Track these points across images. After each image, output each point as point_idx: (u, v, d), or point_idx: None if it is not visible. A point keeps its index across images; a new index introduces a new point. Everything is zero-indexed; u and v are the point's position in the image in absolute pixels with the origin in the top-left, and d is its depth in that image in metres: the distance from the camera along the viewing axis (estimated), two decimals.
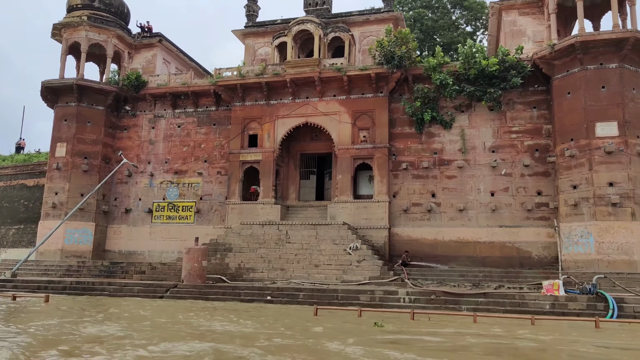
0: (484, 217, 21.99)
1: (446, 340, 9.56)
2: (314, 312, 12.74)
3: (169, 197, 26.18)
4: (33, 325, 10.03)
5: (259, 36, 27.69)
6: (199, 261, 18.35)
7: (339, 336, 9.37)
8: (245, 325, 10.75)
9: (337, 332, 10.13)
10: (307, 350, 8.06)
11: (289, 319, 11.88)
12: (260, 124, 25.00)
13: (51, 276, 22.37)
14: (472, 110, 22.90)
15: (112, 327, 10.08)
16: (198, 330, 10.00)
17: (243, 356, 7.37)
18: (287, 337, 9.46)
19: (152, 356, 7.13)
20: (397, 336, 9.99)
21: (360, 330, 10.25)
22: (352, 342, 8.63)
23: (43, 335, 8.96)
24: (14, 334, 9.04)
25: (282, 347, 8.27)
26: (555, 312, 14.18)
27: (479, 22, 40.43)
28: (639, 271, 18.16)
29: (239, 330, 10.16)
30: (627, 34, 19.44)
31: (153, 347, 7.79)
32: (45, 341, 8.44)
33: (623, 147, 19.25)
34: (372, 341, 8.96)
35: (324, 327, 10.70)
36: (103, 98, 26.66)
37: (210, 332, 9.89)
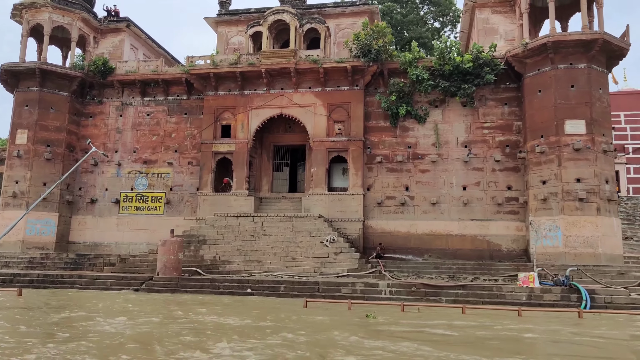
0: (456, 210, 22.46)
1: (453, 332, 9.72)
2: (304, 305, 12.73)
3: (138, 187, 25.48)
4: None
5: (232, 25, 27.20)
6: (175, 253, 17.97)
7: (344, 328, 9.40)
8: (247, 319, 10.55)
9: (343, 324, 10.12)
10: (330, 344, 8.06)
11: (283, 313, 11.77)
12: (234, 114, 24.62)
13: (13, 269, 21.44)
14: (445, 105, 23.27)
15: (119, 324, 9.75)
16: (211, 327, 9.75)
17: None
18: (298, 331, 9.41)
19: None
20: (401, 328, 10.07)
21: (363, 324, 10.29)
22: (362, 335, 8.68)
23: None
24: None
25: (305, 342, 8.20)
26: (532, 303, 14.68)
27: (447, 17, 41.06)
28: (603, 263, 18.99)
29: (250, 324, 9.94)
30: (596, 35, 20.17)
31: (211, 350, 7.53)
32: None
33: (590, 145, 20.03)
34: (382, 334, 9.02)
35: (323, 319, 10.72)
36: (67, 83, 25.59)
37: (223, 327, 9.69)
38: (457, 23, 41.32)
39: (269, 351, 7.47)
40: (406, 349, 7.76)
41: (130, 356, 6.97)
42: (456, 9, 40.85)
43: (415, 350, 7.65)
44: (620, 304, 14.35)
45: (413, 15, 39.58)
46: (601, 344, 8.87)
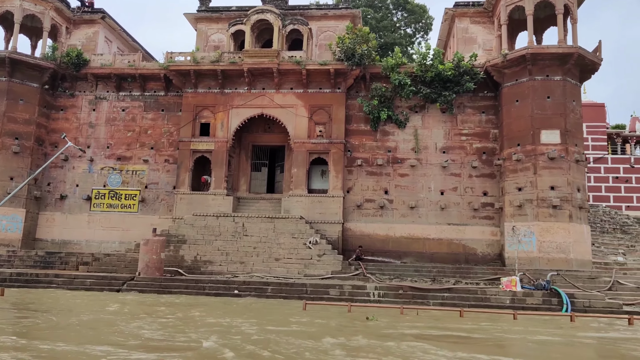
0: (434, 214, 22.91)
1: (479, 335, 9.94)
2: (303, 307, 12.71)
3: (111, 184, 24.77)
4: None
5: (212, 22, 26.83)
6: (157, 253, 17.57)
7: (367, 332, 9.47)
8: (269, 325, 10.28)
9: (362, 327, 10.15)
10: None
11: (283, 316, 11.67)
12: (214, 112, 24.31)
13: None
14: (425, 111, 23.72)
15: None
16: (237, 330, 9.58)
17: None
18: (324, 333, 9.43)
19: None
20: (419, 331, 10.19)
21: (376, 327, 10.33)
22: (384, 338, 8.78)
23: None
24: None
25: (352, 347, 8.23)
26: (515, 306, 15.16)
27: (419, 24, 41.78)
28: (574, 268, 19.81)
29: (267, 328, 9.81)
30: (572, 49, 21.04)
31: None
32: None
33: (564, 154, 20.86)
34: (406, 337, 9.11)
35: (334, 322, 10.72)
36: (38, 75, 24.63)
37: (234, 329, 9.55)
38: (429, 30, 42.17)
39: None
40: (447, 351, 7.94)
41: None
42: (428, 16, 41.64)
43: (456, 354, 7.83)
44: (598, 307, 15.02)
45: (387, 21, 40.09)
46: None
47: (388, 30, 39.75)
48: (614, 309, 14.98)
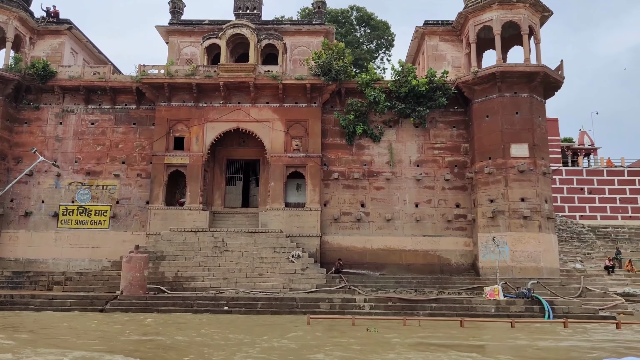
0: (409, 226, 23.45)
1: (501, 344, 10.29)
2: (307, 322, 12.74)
3: (80, 199, 23.95)
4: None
5: (184, 35, 26.60)
6: (140, 270, 17.13)
7: (392, 344, 9.65)
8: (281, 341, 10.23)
9: (384, 341, 10.27)
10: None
11: (294, 331, 11.60)
12: (188, 126, 24.03)
13: None
14: (399, 125, 24.33)
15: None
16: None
17: None
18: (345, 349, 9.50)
19: None
20: (441, 341, 10.41)
21: (399, 338, 10.48)
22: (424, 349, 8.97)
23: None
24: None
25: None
26: (500, 314, 15.76)
27: (381, 40, 42.81)
28: (545, 276, 20.74)
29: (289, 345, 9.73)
30: (538, 68, 22.20)
31: None
32: None
33: (533, 167, 21.90)
34: (441, 348, 9.33)
35: (352, 337, 10.78)
36: (1, 86, 23.63)
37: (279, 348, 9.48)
38: (391, 46, 43.30)
39: None
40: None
41: None
42: (390, 32, 42.77)
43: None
44: (577, 313, 15.81)
45: (351, 37, 40.89)
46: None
47: (352, 46, 40.46)
48: (592, 314, 15.82)
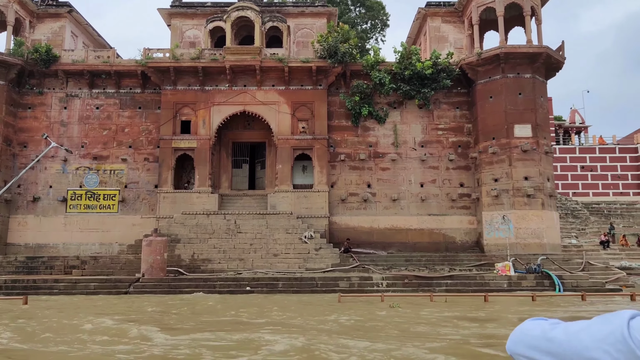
0: (415, 206, 23.99)
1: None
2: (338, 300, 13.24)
3: (88, 184, 24.03)
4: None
5: (187, 17, 26.45)
6: (160, 253, 17.42)
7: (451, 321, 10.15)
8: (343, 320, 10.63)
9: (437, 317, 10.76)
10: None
11: (339, 309, 11.99)
12: (194, 110, 24.11)
13: None
14: (403, 107, 24.68)
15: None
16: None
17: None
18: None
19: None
20: (485, 315, 10.86)
21: (450, 316, 10.96)
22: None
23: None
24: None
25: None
26: (513, 289, 16.43)
27: (376, 20, 42.83)
28: (548, 252, 21.47)
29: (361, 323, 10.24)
30: (541, 49, 22.64)
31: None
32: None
33: (536, 147, 22.48)
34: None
35: (395, 314, 11.27)
36: (4, 71, 23.43)
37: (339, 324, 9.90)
38: (386, 27, 43.35)
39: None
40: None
41: None
42: (385, 13, 42.79)
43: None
44: (585, 287, 16.53)
45: (346, 17, 40.82)
46: None
47: (348, 26, 40.42)
48: (599, 287, 16.58)
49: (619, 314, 0.73)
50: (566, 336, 0.76)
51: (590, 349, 0.71)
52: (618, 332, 0.70)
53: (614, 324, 0.72)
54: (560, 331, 0.78)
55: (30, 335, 8.93)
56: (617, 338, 0.69)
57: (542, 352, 0.78)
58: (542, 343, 0.79)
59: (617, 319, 0.72)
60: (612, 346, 0.70)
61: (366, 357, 6.85)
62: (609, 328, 0.72)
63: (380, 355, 6.91)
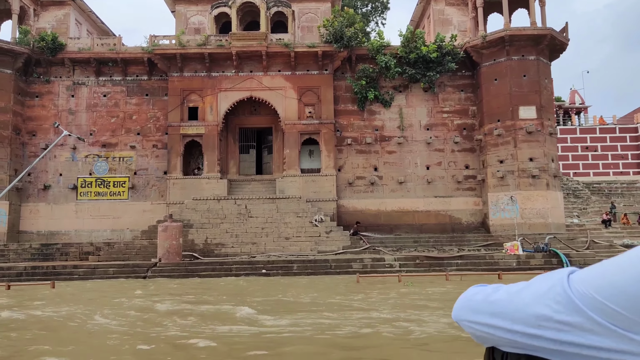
0: (421, 188, 24.35)
1: None
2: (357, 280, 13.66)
3: (97, 172, 24.27)
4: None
5: (191, 3, 26.47)
6: (176, 238, 17.77)
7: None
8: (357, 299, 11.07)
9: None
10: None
11: (360, 289, 12.42)
12: (201, 96, 24.28)
13: None
14: (409, 90, 24.90)
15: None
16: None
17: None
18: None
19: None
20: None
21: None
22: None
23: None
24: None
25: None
26: (522, 267, 16.88)
27: (377, 3, 42.77)
28: (552, 231, 21.90)
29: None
30: (545, 31, 22.82)
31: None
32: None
33: (540, 128, 22.79)
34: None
35: (409, 291, 11.66)
36: (11, 60, 23.49)
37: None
38: (386, 9, 43.29)
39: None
40: None
41: None
42: None
43: None
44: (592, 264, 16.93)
45: (347, 0, 40.73)
46: None
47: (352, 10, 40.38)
48: None
49: (558, 271, 0.75)
50: (508, 296, 0.77)
51: (531, 305, 0.72)
52: (558, 286, 0.71)
53: (554, 279, 0.73)
54: (503, 292, 0.79)
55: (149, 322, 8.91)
56: (557, 291, 0.70)
57: (486, 314, 0.79)
58: (485, 306, 0.80)
59: (556, 274, 0.73)
60: (552, 299, 0.70)
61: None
62: (549, 283, 0.73)
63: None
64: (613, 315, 0.66)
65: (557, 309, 0.70)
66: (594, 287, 0.68)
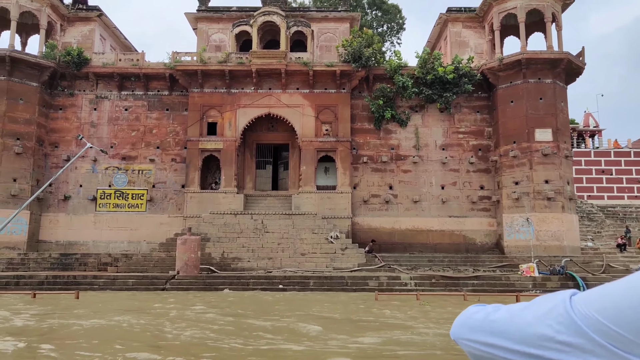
0: (436, 208, 24.47)
1: None
2: (375, 298, 13.79)
3: (117, 184, 24.69)
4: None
5: (213, 22, 27.07)
6: (195, 251, 18.03)
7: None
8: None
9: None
10: None
11: (383, 306, 12.55)
12: (221, 112, 24.72)
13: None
14: (425, 110, 25.17)
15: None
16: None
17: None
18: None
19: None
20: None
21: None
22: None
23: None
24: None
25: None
26: (538, 290, 16.88)
27: (392, 24, 43.33)
28: (568, 254, 21.88)
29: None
30: (562, 55, 23.07)
31: None
32: None
33: (556, 151, 22.91)
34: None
35: (431, 309, 11.76)
36: (37, 73, 24.12)
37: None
38: (402, 30, 43.84)
39: None
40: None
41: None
42: (401, 16, 43.30)
43: None
44: None
45: (363, 20, 41.32)
46: None
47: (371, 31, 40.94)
48: None
49: (560, 292, 0.74)
50: (509, 315, 0.76)
51: (532, 324, 0.72)
52: (560, 307, 0.70)
53: (556, 299, 0.72)
54: (504, 312, 0.78)
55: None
56: (559, 312, 0.70)
57: (486, 332, 0.78)
58: (485, 324, 0.79)
59: (559, 295, 0.73)
60: (554, 319, 0.70)
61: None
62: (551, 304, 0.72)
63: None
64: (614, 337, 0.66)
65: (558, 330, 0.70)
66: (596, 308, 0.68)
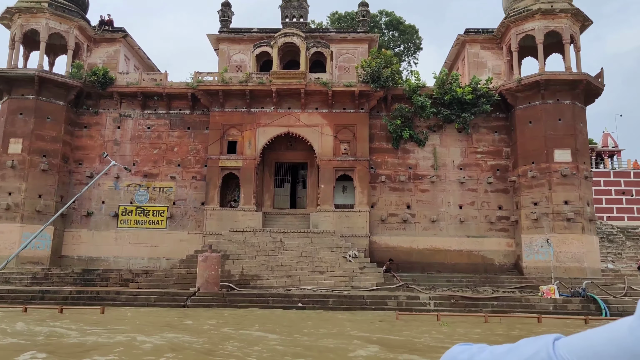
0: (454, 227, 24.46)
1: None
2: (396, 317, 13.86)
3: (138, 200, 25.12)
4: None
5: (234, 42, 27.68)
6: (215, 269, 18.27)
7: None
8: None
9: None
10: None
11: (403, 327, 12.63)
12: (241, 130, 25.13)
13: (16, 285, 20.52)
14: (443, 130, 25.33)
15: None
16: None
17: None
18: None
19: None
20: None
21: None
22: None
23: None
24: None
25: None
26: (559, 312, 16.78)
27: (409, 44, 43.76)
28: (588, 276, 21.69)
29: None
30: (581, 76, 23.14)
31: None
32: None
33: (575, 172, 22.85)
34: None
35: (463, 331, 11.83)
36: (64, 93, 24.82)
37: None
38: (419, 50, 44.24)
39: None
40: None
41: None
42: (418, 36, 43.73)
43: None
44: (630, 311, 16.77)
45: (380, 41, 41.82)
46: None
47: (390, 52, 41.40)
48: None
49: (544, 337, 0.75)
50: (493, 357, 0.77)
51: None
52: (543, 351, 0.71)
53: (539, 344, 0.73)
54: (488, 354, 0.79)
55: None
56: (541, 356, 0.70)
57: None
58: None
59: (542, 340, 0.73)
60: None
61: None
62: (535, 348, 0.72)
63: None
64: None
65: None
66: (577, 355, 0.69)
